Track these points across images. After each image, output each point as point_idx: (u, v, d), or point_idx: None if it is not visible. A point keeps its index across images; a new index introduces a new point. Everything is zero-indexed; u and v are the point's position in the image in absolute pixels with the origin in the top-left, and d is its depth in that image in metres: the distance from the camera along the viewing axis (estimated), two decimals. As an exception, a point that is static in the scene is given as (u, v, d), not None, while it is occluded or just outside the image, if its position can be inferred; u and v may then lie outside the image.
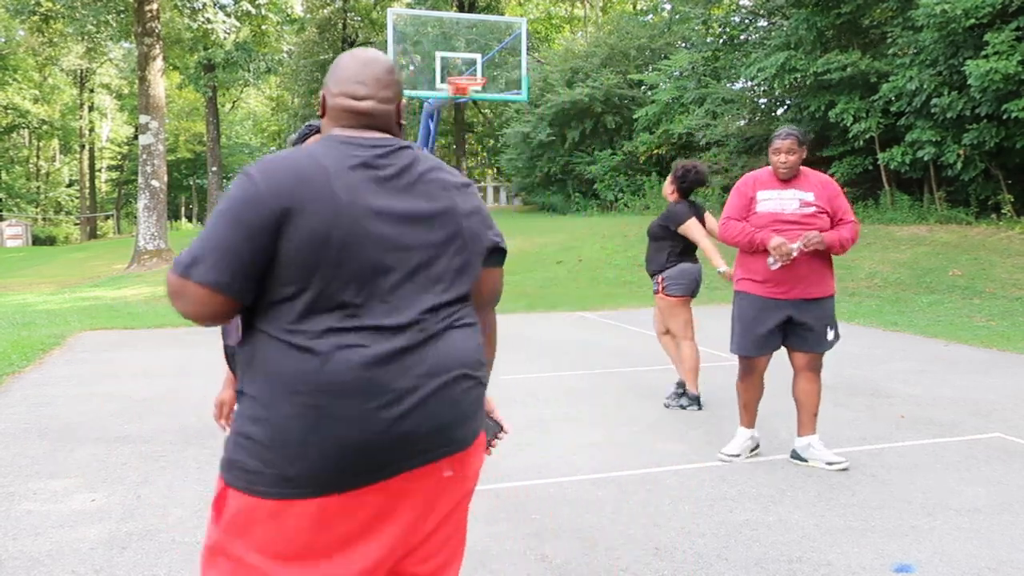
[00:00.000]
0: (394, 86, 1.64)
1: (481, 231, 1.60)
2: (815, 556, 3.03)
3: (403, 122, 1.66)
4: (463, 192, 1.59)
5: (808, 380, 4.07)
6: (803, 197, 3.95)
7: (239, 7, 20.55)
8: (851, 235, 3.96)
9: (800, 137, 3.99)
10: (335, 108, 1.59)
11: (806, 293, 3.95)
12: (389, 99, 1.62)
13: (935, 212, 14.45)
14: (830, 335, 4.03)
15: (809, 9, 15.11)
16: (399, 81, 1.66)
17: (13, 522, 3.43)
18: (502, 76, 20.33)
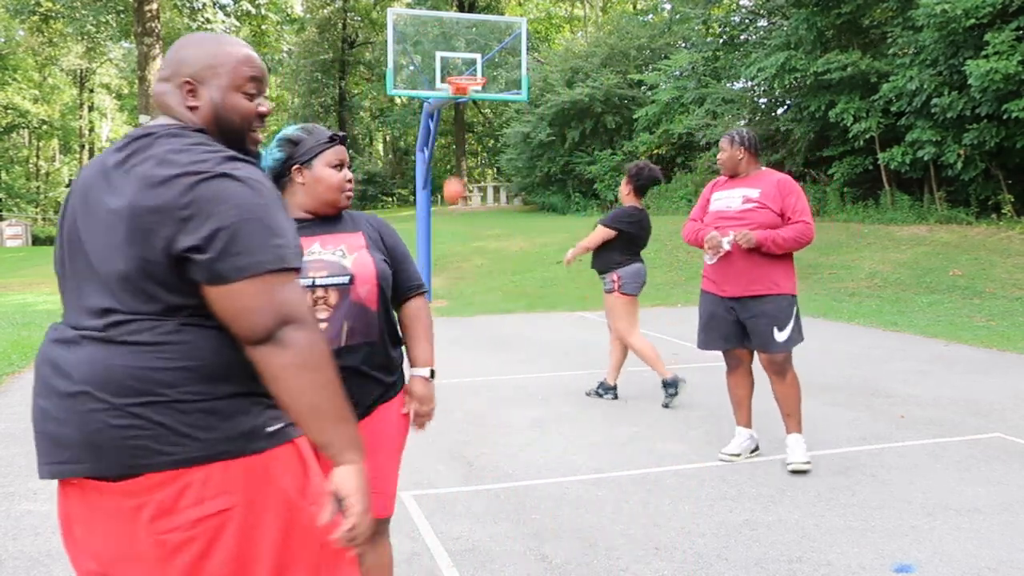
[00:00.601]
0: (171, 65, 1.52)
1: (159, 232, 1.32)
2: (815, 556, 3.02)
3: (192, 104, 1.49)
4: (157, 187, 1.32)
5: (773, 381, 4.09)
6: (747, 194, 4.03)
7: (239, 7, 20.57)
8: (794, 234, 3.89)
9: (736, 136, 4.12)
10: None
11: (746, 290, 3.99)
12: (164, 78, 1.52)
13: (935, 212, 14.45)
14: (778, 335, 3.96)
15: (809, 9, 15.11)
16: (181, 59, 1.51)
17: (13, 522, 3.43)
18: (502, 76, 20.33)
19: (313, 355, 1.35)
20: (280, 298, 1.34)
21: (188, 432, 1.33)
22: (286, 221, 1.41)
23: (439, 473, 4.03)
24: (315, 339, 1.36)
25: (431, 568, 2.97)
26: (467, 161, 34.94)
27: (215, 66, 1.51)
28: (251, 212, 1.35)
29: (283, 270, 1.35)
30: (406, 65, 13.13)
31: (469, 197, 29.32)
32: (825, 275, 12.20)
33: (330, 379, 1.37)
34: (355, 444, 1.40)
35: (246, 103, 1.56)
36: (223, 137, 1.51)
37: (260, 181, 1.40)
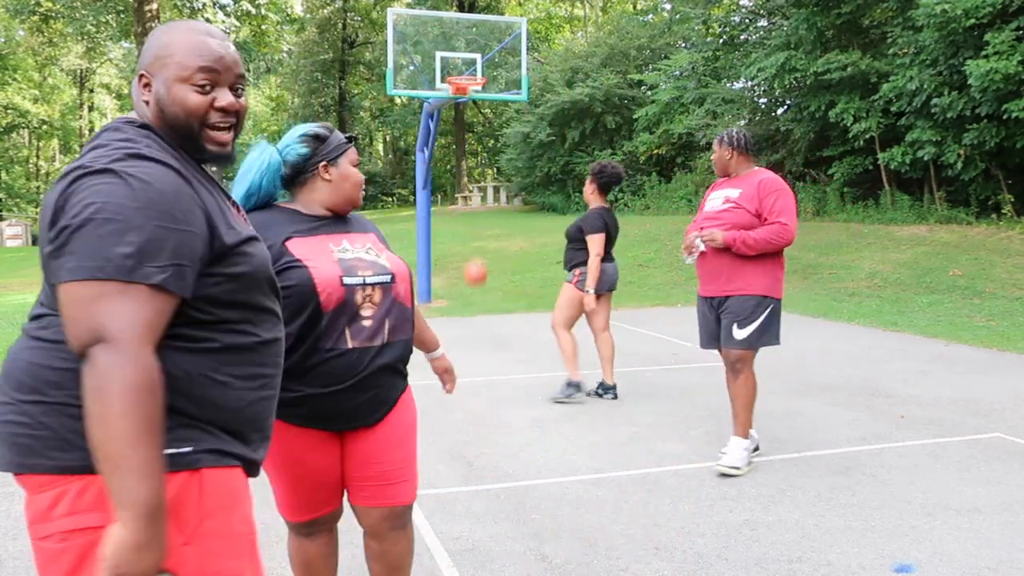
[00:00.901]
0: (140, 57, 1.44)
1: (45, 229, 1.26)
2: (815, 556, 3.03)
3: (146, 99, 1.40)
4: (55, 185, 1.28)
5: (728, 379, 4.10)
6: (729, 194, 4.06)
7: (239, 7, 20.58)
8: (765, 235, 3.86)
9: (725, 137, 4.14)
10: None
11: (720, 290, 4.03)
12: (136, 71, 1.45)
13: (935, 212, 14.45)
14: (737, 332, 3.97)
15: (809, 9, 15.10)
16: (144, 50, 1.44)
17: (13, 522, 3.43)
18: (502, 76, 20.33)
19: (108, 385, 1.16)
20: (96, 310, 1.18)
21: (70, 438, 1.25)
22: (163, 232, 1.24)
23: (439, 473, 4.03)
24: (118, 366, 1.17)
25: (431, 568, 2.97)
26: (467, 161, 34.92)
27: (163, 56, 1.39)
28: (107, 212, 1.21)
29: (115, 281, 1.20)
30: (406, 65, 13.14)
31: (469, 197, 29.29)
32: (825, 275, 12.20)
33: (120, 416, 1.15)
34: (132, 504, 1.16)
35: (195, 97, 1.39)
36: (174, 135, 1.40)
37: (151, 183, 1.25)
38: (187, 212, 1.29)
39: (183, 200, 1.29)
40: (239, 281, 1.38)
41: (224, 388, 1.37)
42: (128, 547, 1.16)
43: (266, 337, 1.45)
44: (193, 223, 1.30)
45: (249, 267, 1.40)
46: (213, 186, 1.45)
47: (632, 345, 7.87)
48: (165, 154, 1.33)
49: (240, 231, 1.41)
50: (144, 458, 1.17)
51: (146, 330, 1.21)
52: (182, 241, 1.27)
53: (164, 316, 1.26)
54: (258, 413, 1.45)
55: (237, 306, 1.39)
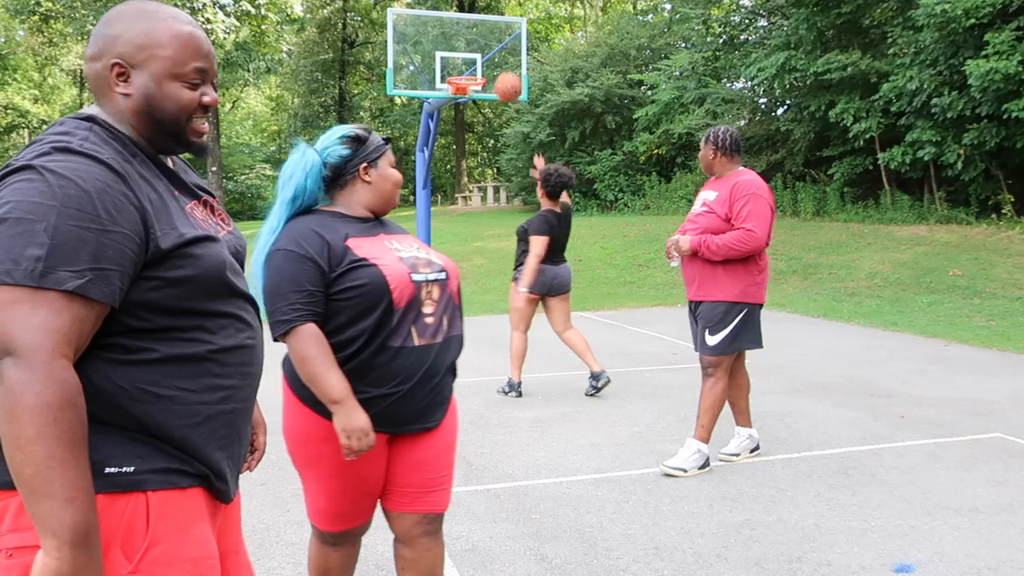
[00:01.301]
0: (101, 40, 1.30)
1: None
2: (815, 556, 3.02)
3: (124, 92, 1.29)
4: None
5: (702, 381, 4.07)
6: (707, 197, 4.03)
7: (239, 7, 20.58)
8: (728, 241, 3.80)
9: (710, 135, 4.06)
10: None
11: (695, 295, 4.04)
12: (94, 56, 1.31)
13: (935, 212, 14.45)
14: (708, 338, 3.93)
15: (809, 9, 15.10)
16: (113, 34, 1.30)
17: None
18: (502, 76, 20.29)
19: (18, 404, 1.05)
20: (3, 319, 1.07)
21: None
22: (80, 232, 1.12)
23: (439, 473, 4.03)
24: (28, 383, 1.05)
25: (431, 568, 2.97)
26: (467, 161, 34.92)
27: (149, 48, 1.29)
28: (18, 212, 1.10)
29: (24, 287, 1.08)
30: (406, 65, 13.13)
31: (469, 197, 29.28)
32: (825, 275, 12.20)
33: (35, 438, 1.05)
34: (56, 532, 1.06)
35: (188, 93, 1.32)
36: (156, 130, 1.32)
37: (72, 180, 1.14)
38: (114, 211, 1.16)
39: (109, 198, 1.16)
40: (183, 286, 1.25)
41: (170, 402, 1.25)
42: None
43: (225, 344, 1.32)
44: (122, 223, 1.16)
45: (194, 270, 1.26)
46: (166, 183, 1.32)
47: (632, 345, 7.87)
48: (102, 148, 1.21)
49: (184, 232, 1.27)
50: (65, 482, 1.06)
51: (60, 342, 1.09)
52: (105, 243, 1.14)
53: (84, 325, 1.13)
54: (219, 428, 1.32)
55: (184, 313, 1.27)
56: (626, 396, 5.67)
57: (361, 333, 1.95)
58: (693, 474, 3.93)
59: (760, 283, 3.95)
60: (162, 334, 1.25)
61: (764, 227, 3.83)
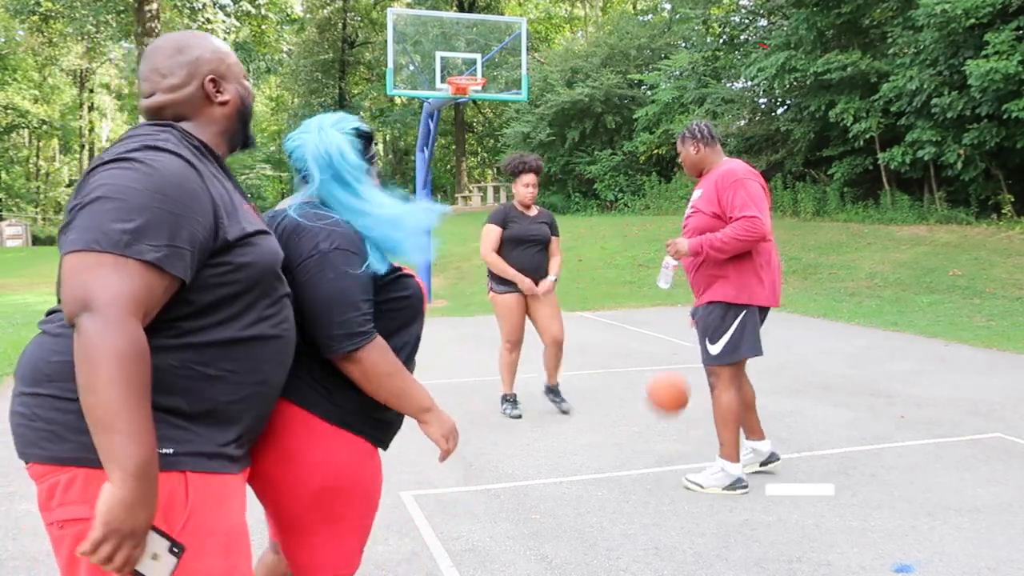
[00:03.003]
0: (183, 67, 1.50)
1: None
2: (815, 556, 3.02)
3: (223, 100, 1.51)
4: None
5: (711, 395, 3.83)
6: (694, 197, 3.82)
7: (239, 7, 20.58)
8: (733, 233, 3.51)
9: (686, 134, 3.83)
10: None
11: (698, 300, 3.81)
12: (178, 85, 1.50)
13: (935, 212, 14.46)
14: (710, 347, 3.70)
15: (809, 9, 15.10)
16: (194, 59, 1.51)
17: (13, 522, 3.43)
18: (502, 76, 20.32)
19: (94, 352, 1.19)
20: (87, 279, 1.22)
21: (58, 430, 1.30)
22: (163, 214, 1.27)
23: (439, 473, 4.03)
24: (103, 334, 1.20)
25: (431, 568, 2.97)
26: (467, 161, 34.91)
27: (225, 59, 1.55)
28: (113, 192, 1.27)
29: (110, 253, 1.23)
30: (406, 65, 13.13)
31: (469, 197, 29.27)
32: (825, 275, 12.19)
33: (107, 382, 1.19)
34: (122, 465, 1.20)
35: (252, 88, 1.61)
36: (243, 126, 1.57)
37: (159, 170, 1.30)
38: (192, 199, 1.33)
39: (189, 188, 1.33)
40: (243, 272, 1.41)
41: (217, 382, 1.39)
42: (120, 505, 1.20)
43: (269, 333, 1.48)
44: (197, 210, 1.33)
45: (254, 258, 1.42)
46: (229, 181, 1.50)
47: (632, 345, 7.87)
48: (181, 148, 1.39)
49: (246, 226, 1.44)
50: (132, 420, 1.20)
51: (133, 303, 1.24)
52: (182, 225, 1.30)
53: (155, 294, 1.28)
54: (252, 408, 1.47)
55: (239, 300, 1.42)
56: (626, 396, 5.67)
57: (405, 344, 1.83)
58: (714, 492, 3.70)
59: (759, 282, 3.64)
60: (215, 317, 1.39)
61: (764, 213, 3.56)
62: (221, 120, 1.53)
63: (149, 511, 1.23)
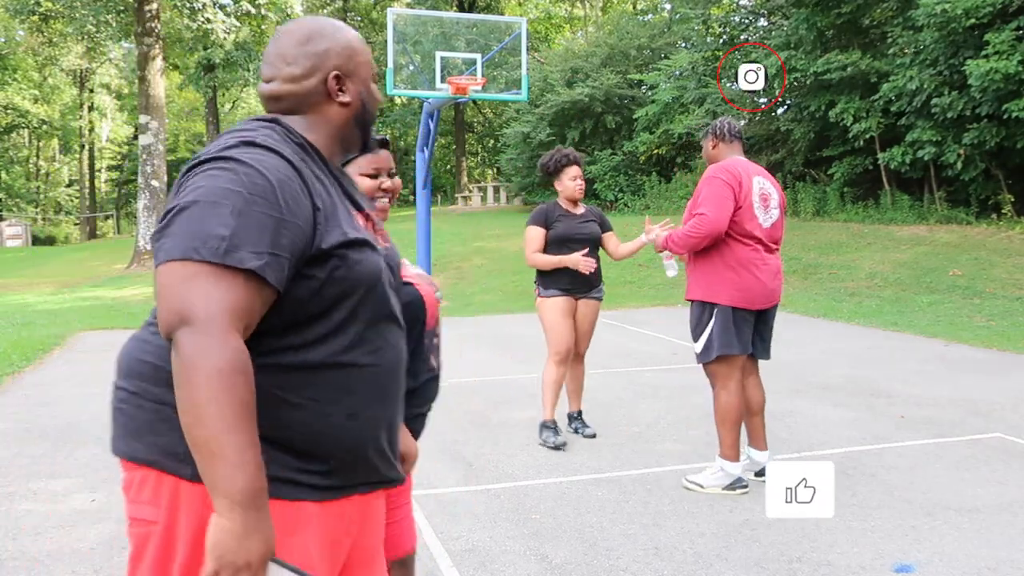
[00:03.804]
0: (309, 58, 1.38)
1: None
2: (815, 556, 3.02)
3: (344, 100, 1.39)
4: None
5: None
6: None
7: (239, 7, 20.55)
8: (683, 230, 3.64)
9: (709, 127, 3.85)
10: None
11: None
12: (304, 75, 1.38)
13: (935, 212, 14.46)
14: (694, 345, 3.75)
15: (809, 9, 15.10)
16: (322, 51, 1.39)
17: (13, 522, 3.43)
18: (502, 76, 20.31)
19: (194, 369, 1.11)
20: (185, 291, 1.13)
21: (138, 429, 1.26)
22: (264, 218, 1.18)
23: (439, 473, 4.03)
24: (204, 350, 1.11)
25: (431, 568, 2.97)
26: (467, 161, 34.91)
27: (354, 57, 1.41)
28: (210, 196, 1.18)
29: (208, 263, 1.14)
30: (406, 65, 13.12)
31: (469, 197, 29.30)
32: (825, 275, 12.20)
33: (208, 401, 1.10)
34: (227, 493, 1.11)
35: (379, 93, 1.46)
36: (361, 131, 1.44)
37: (259, 170, 1.21)
38: (292, 202, 1.22)
39: (288, 189, 1.23)
40: (338, 286, 1.27)
41: (296, 410, 1.26)
42: (229, 536, 1.11)
43: (363, 361, 1.31)
44: (298, 214, 1.22)
45: (350, 272, 1.28)
46: (336, 185, 1.37)
47: (632, 345, 7.87)
48: (283, 145, 1.28)
49: (348, 232, 1.29)
50: (237, 445, 1.11)
51: (234, 316, 1.14)
52: (282, 231, 1.19)
53: (256, 306, 1.18)
54: (337, 445, 1.30)
55: (330, 318, 1.28)
56: (626, 396, 5.67)
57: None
58: (714, 492, 3.70)
59: (731, 280, 3.61)
60: (302, 337, 1.26)
61: (717, 210, 3.54)
62: (338, 121, 1.40)
63: (263, 540, 1.13)
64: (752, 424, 3.90)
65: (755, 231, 3.64)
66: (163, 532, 1.22)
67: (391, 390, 1.38)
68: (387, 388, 1.37)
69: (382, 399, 1.36)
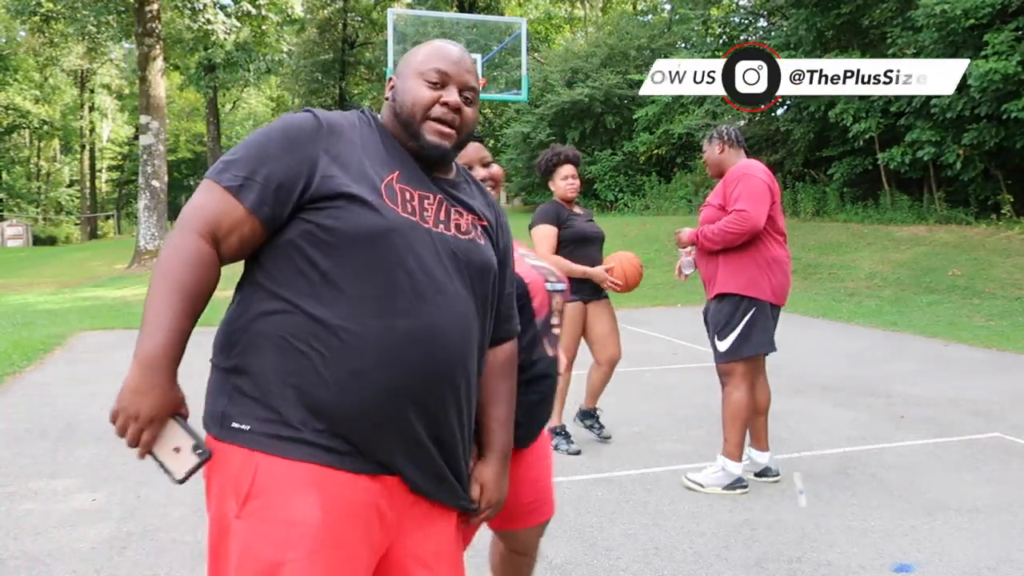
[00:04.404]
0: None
1: None
2: (815, 556, 3.03)
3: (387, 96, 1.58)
4: None
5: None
6: (710, 195, 3.89)
7: (239, 7, 20.54)
8: (722, 225, 3.59)
9: (714, 133, 3.88)
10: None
11: (708, 294, 3.82)
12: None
13: (935, 212, 14.46)
14: (718, 343, 3.69)
15: (809, 9, 15.11)
16: (397, 72, 1.64)
17: (14, 522, 3.43)
18: (502, 76, 20.33)
19: (160, 258, 1.36)
20: (190, 202, 1.41)
21: (208, 393, 1.43)
22: (254, 152, 1.40)
23: (439, 473, 4.03)
24: (171, 240, 1.37)
25: (431, 568, 2.97)
26: (467, 161, 34.85)
27: (411, 59, 1.55)
28: (242, 142, 1.45)
29: (208, 179, 1.40)
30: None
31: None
32: (825, 275, 12.20)
33: (156, 278, 1.33)
34: (136, 353, 1.30)
35: (424, 90, 1.48)
36: (399, 124, 1.50)
37: (277, 125, 1.44)
38: (288, 144, 1.40)
39: (293, 135, 1.42)
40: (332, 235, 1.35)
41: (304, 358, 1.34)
42: (127, 388, 1.31)
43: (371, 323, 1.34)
44: (293, 153, 1.39)
45: (339, 223, 1.35)
46: (396, 162, 1.46)
47: (632, 345, 7.87)
48: (336, 114, 1.47)
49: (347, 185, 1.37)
50: (156, 314, 1.31)
51: (200, 219, 1.36)
52: (264, 162, 1.39)
53: (227, 219, 1.37)
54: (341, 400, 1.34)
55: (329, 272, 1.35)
56: (626, 396, 5.67)
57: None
58: (714, 491, 3.70)
59: (768, 276, 3.64)
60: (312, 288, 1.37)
61: (757, 207, 3.55)
62: (386, 116, 1.55)
63: (153, 399, 1.30)
64: (756, 424, 3.90)
65: (784, 229, 3.74)
66: (207, 486, 1.40)
67: (413, 360, 1.36)
68: (405, 356, 1.36)
69: (397, 366, 1.35)
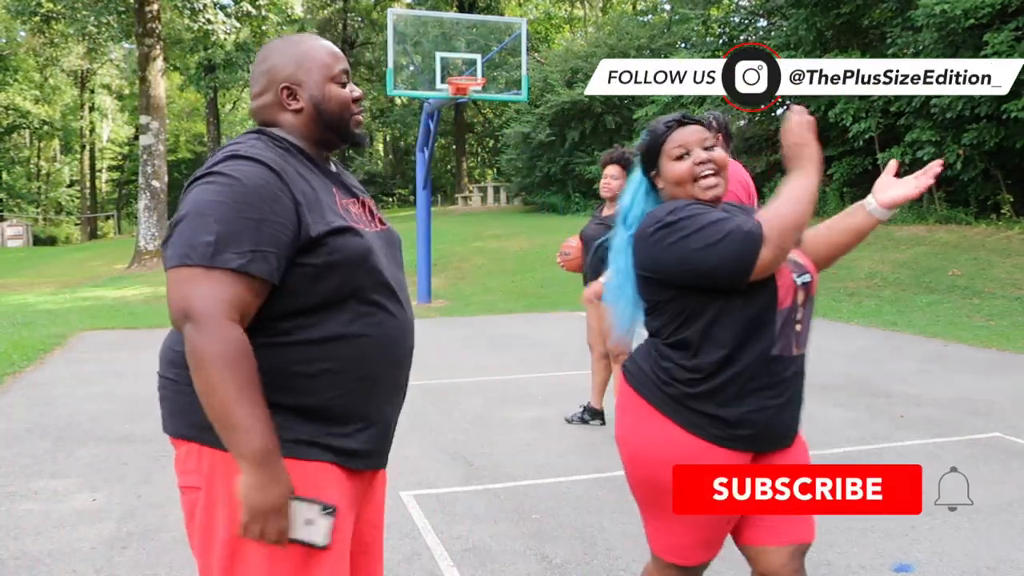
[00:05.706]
0: (263, 76, 1.59)
1: None
2: (815, 556, 3.03)
3: (295, 107, 1.55)
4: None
5: None
6: None
7: (239, 8, 20.55)
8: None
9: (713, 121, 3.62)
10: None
11: None
12: (259, 92, 1.59)
13: (935, 212, 14.46)
14: None
15: (809, 9, 15.11)
16: (270, 68, 1.58)
17: (14, 521, 3.44)
18: (502, 76, 20.31)
19: (200, 358, 1.33)
20: (184, 292, 1.35)
21: (179, 410, 1.48)
22: (244, 221, 1.36)
23: (439, 473, 4.04)
24: (204, 341, 1.33)
25: (431, 568, 2.98)
26: (467, 161, 34.92)
27: (305, 64, 1.56)
28: (199, 207, 1.38)
29: (200, 267, 1.34)
30: (406, 65, 13.13)
31: (469, 197, 29.33)
32: (824, 275, 12.17)
33: (218, 384, 1.32)
34: (243, 456, 1.34)
35: (343, 92, 1.58)
36: (326, 129, 1.57)
37: (240, 180, 1.39)
38: (272, 202, 1.40)
39: (268, 192, 1.40)
40: (331, 271, 1.45)
41: (315, 379, 1.46)
42: (252, 489, 1.34)
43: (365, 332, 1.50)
44: (279, 213, 1.40)
45: (339, 256, 1.45)
46: (324, 181, 1.53)
47: (631, 345, 7.87)
48: (265, 153, 1.45)
49: (332, 221, 1.46)
50: (246, 416, 1.33)
51: (227, 308, 1.35)
52: (263, 229, 1.38)
53: (247, 297, 1.37)
54: (358, 405, 1.52)
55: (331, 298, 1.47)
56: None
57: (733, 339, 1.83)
58: None
59: None
60: (310, 317, 1.46)
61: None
62: (298, 126, 1.56)
63: (280, 487, 1.35)
64: None
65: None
66: (206, 495, 1.44)
67: (396, 352, 1.57)
68: (392, 350, 1.55)
69: (392, 362, 1.56)
